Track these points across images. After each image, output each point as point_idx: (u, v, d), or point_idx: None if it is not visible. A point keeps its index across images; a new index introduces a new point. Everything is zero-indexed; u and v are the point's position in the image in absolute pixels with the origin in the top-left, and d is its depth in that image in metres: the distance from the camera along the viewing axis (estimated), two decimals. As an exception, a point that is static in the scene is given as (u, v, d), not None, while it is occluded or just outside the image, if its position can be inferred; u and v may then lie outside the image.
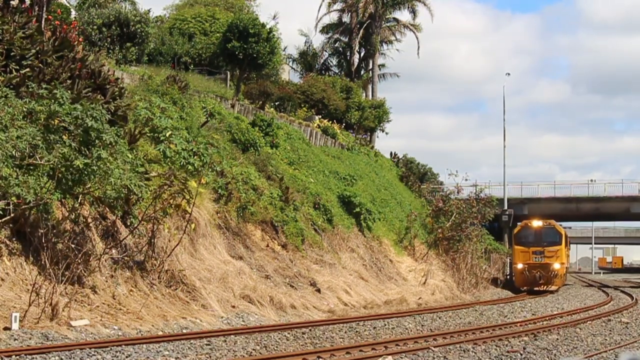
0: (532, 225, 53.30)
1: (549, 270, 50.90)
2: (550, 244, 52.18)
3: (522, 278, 51.51)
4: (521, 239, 53.03)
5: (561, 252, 51.99)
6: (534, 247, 51.94)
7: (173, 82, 36.62)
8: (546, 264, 51.20)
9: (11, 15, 25.31)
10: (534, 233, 52.73)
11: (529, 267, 50.99)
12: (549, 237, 52.71)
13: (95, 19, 41.99)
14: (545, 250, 51.66)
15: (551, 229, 53.32)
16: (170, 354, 15.90)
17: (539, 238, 52.48)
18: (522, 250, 52.13)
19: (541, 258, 51.48)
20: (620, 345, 19.19)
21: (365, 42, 75.99)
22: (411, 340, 19.55)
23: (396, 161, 70.04)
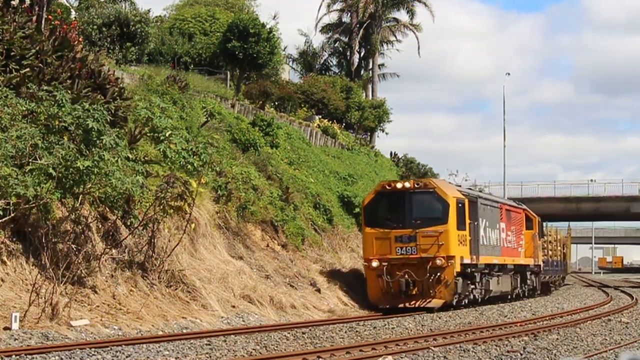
0: (396, 188, 30.77)
1: (428, 272, 29.66)
2: (429, 223, 30.21)
3: (376, 286, 30.21)
4: (375, 216, 31.16)
5: (449, 237, 30.08)
6: (397, 229, 30.30)
7: (173, 82, 36.61)
8: (420, 260, 29.89)
9: (11, 15, 25.30)
10: (398, 202, 30.70)
11: (390, 266, 29.96)
12: (426, 210, 30.67)
13: (95, 19, 41.98)
14: (419, 235, 29.95)
15: (430, 194, 30.52)
16: (170, 354, 15.90)
17: (407, 212, 30.54)
18: (376, 235, 30.42)
19: (411, 249, 30.05)
20: (620, 345, 19.18)
21: (365, 42, 75.96)
22: (411, 340, 19.55)
23: (396, 161, 70.01)
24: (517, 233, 39.18)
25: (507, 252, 36.92)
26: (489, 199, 36.63)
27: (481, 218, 33.18)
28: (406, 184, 30.92)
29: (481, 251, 32.72)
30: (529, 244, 40.71)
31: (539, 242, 42.54)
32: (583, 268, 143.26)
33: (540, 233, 42.44)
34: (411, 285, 29.80)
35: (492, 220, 35.25)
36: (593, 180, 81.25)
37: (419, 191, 30.56)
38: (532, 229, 41.09)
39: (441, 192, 30.60)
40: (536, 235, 41.58)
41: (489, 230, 34.53)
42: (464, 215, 31.07)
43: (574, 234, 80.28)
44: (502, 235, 36.46)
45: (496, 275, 34.84)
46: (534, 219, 41.85)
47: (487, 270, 33.78)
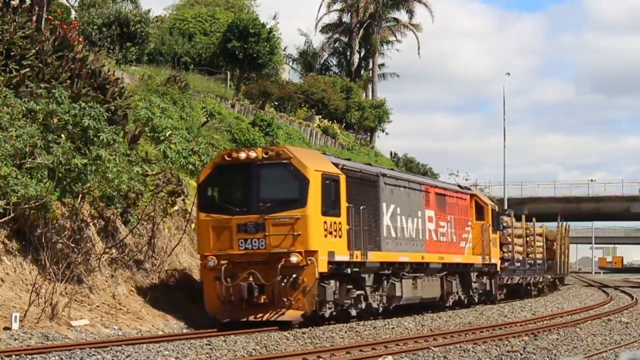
0: (238, 159, 22.57)
1: (279, 273, 21.75)
2: (282, 206, 22.20)
3: (213, 293, 22.17)
4: (212, 198, 23.19)
5: (309, 225, 21.96)
6: (241, 215, 22.22)
7: (173, 82, 36.63)
8: (270, 256, 21.97)
9: (11, 15, 25.30)
10: (242, 179, 22.72)
11: (231, 265, 22.03)
12: (278, 189, 22.59)
13: (95, 19, 42.00)
14: (269, 223, 22.01)
15: (284, 168, 22.36)
16: (170, 354, 15.90)
17: (253, 192, 22.45)
18: (213, 223, 22.44)
19: (258, 242, 22.10)
20: (620, 345, 19.19)
21: (365, 42, 76.00)
22: (411, 340, 19.55)
23: (396, 161, 70.02)
24: (459, 224, 31.00)
25: (438, 248, 28.89)
26: (402, 178, 27.90)
27: (384, 202, 25.28)
28: (252, 154, 22.20)
29: (384, 245, 24.97)
30: (478, 238, 32.17)
31: (495, 236, 33.94)
32: (583, 268, 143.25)
33: (495, 224, 33.86)
34: (257, 292, 21.52)
35: (409, 206, 27.11)
36: (593, 180, 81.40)
37: (269, 163, 22.09)
38: (483, 220, 32.68)
39: (299, 165, 21.87)
40: (488, 227, 32.73)
41: (402, 218, 26.49)
42: (335, 195, 22.38)
43: (574, 234, 79.95)
44: (429, 226, 28.51)
45: (410, 278, 26.61)
46: (485, 207, 33.14)
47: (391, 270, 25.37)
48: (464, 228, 31.59)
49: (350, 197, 23.13)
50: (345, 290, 23.24)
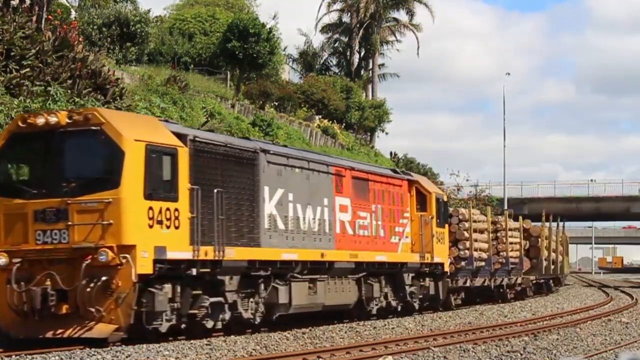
0: (36, 126, 17.08)
1: (83, 275, 16.45)
2: (90, 187, 16.88)
3: (3, 299, 16.76)
4: (5, 176, 17.87)
5: (123, 211, 16.65)
6: (39, 199, 16.92)
7: (173, 82, 36.66)
8: (73, 253, 16.72)
9: (11, 15, 25.33)
10: (42, 151, 17.36)
11: (27, 265, 16.81)
12: (86, 165, 17.32)
13: (95, 19, 42.02)
14: (73, 210, 16.75)
15: (93, 137, 16.87)
16: (170, 354, 15.90)
17: (54, 168, 17.12)
18: (5, 209, 17.19)
19: (60, 235, 16.80)
20: (620, 345, 19.19)
21: (365, 42, 76.05)
22: (411, 340, 19.55)
23: (396, 161, 70.04)
24: (391, 215, 25.94)
25: (353, 244, 23.72)
26: (298, 156, 22.10)
27: (266, 186, 20.22)
28: (52, 118, 17.01)
29: (264, 240, 19.97)
30: (417, 232, 27.01)
31: (443, 230, 28.47)
32: (583, 268, 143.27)
33: (442, 216, 28.35)
34: (55, 299, 16.40)
35: (308, 191, 21.94)
36: (593, 180, 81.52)
37: (75, 131, 16.95)
38: (426, 211, 27.44)
39: (112, 132, 16.76)
40: (431, 220, 27.34)
41: (297, 206, 21.46)
42: (171, 174, 17.59)
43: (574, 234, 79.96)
44: (342, 217, 23.33)
45: (304, 280, 21.39)
46: (428, 196, 27.64)
47: (270, 271, 20.14)
48: (397, 220, 26.22)
49: (198, 176, 17.86)
50: (189, 296, 17.88)
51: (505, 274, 36.26)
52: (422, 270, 27.16)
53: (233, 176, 19.28)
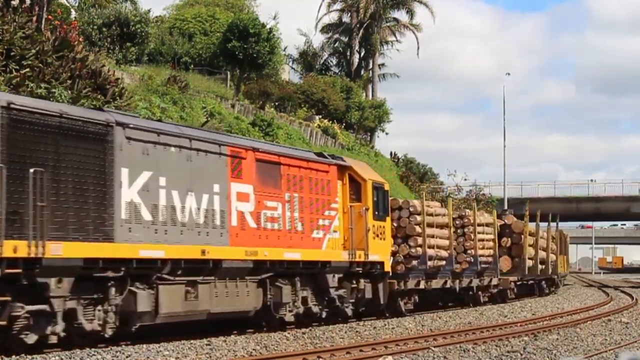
0: None
1: None
2: None
3: None
4: None
5: None
6: None
7: (173, 82, 36.67)
8: None
9: (11, 15, 25.32)
10: None
11: None
12: None
13: (96, 19, 42.03)
14: None
15: None
16: (170, 354, 15.90)
17: None
18: None
19: None
20: (620, 345, 19.19)
21: (365, 42, 76.07)
22: (411, 340, 19.55)
23: (396, 161, 70.06)
24: (313, 206, 21.94)
25: (256, 239, 19.91)
26: (174, 132, 18.21)
27: (125, 167, 16.70)
28: None
29: (120, 233, 16.43)
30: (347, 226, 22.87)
31: (383, 224, 24.35)
32: (583, 268, 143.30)
33: (380, 208, 24.15)
34: None
35: (189, 175, 18.21)
36: (593, 180, 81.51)
37: None
38: (360, 201, 23.37)
39: None
40: (366, 212, 23.18)
41: (172, 193, 17.74)
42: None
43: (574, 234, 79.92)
44: (241, 207, 19.59)
45: (180, 283, 17.70)
46: (363, 184, 23.42)
47: (124, 272, 16.45)
48: (322, 212, 22.21)
49: (12, 153, 14.51)
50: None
51: (474, 274, 31.97)
52: (353, 270, 22.90)
53: (71, 154, 15.54)
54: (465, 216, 32.28)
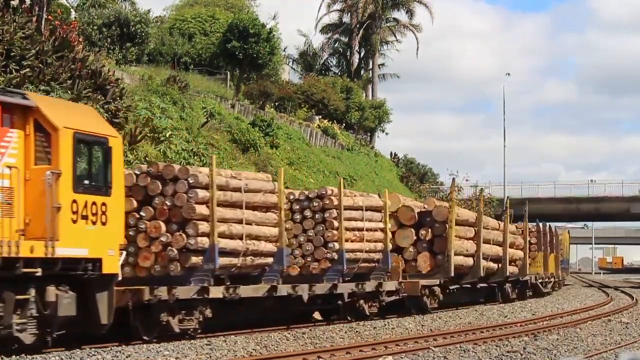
0: None
1: None
2: None
3: None
4: None
5: None
6: None
7: (173, 83, 36.66)
8: None
9: (11, 15, 25.33)
10: None
11: None
12: None
13: (95, 19, 42.04)
14: None
15: None
16: (170, 354, 15.91)
17: None
18: None
19: None
20: (620, 345, 19.20)
21: (365, 42, 76.07)
22: (411, 340, 19.55)
23: (396, 161, 70.05)
24: None
25: None
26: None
27: None
28: None
29: None
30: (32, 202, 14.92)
31: (106, 200, 15.94)
32: (583, 268, 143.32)
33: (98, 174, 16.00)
34: None
35: None
36: (593, 180, 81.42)
37: None
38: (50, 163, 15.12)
39: None
40: (56, 179, 14.93)
41: None
42: None
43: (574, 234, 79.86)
44: None
45: None
46: (54, 135, 15.17)
47: None
48: None
49: None
50: None
51: (339, 276, 23.09)
52: (20, 272, 14.43)
53: None
54: (325, 196, 22.82)
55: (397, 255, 26.58)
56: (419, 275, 26.78)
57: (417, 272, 26.83)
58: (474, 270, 29.22)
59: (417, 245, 27.33)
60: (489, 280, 31.95)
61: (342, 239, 22.85)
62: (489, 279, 31.84)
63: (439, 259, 27.24)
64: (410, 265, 27.03)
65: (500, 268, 31.87)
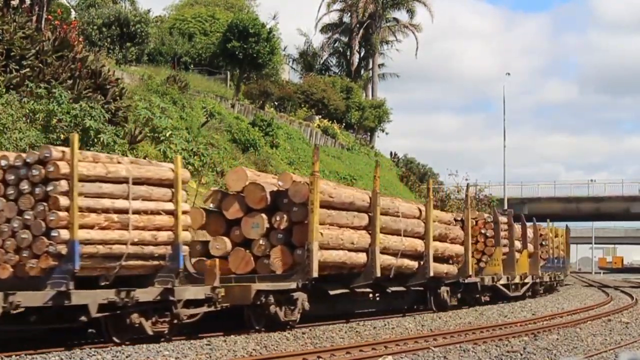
0: None
1: None
2: None
3: None
4: None
5: None
6: None
7: (173, 82, 36.67)
8: None
9: (11, 15, 25.34)
10: None
11: None
12: None
13: (95, 19, 42.05)
14: None
15: None
16: (170, 354, 15.90)
17: None
18: None
19: None
20: (620, 345, 19.19)
21: (365, 42, 76.09)
22: (411, 340, 19.54)
23: (396, 161, 70.05)
24: None
25: None
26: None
27: None
28: None
29: None
30: None
31: None
32: (583, 268, 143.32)
33: None
34: None
35: None
36: (593, 180, 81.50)
37: None
38: None
39: None
40: None
41: None
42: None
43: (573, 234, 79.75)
44: None
45: None
46: None
47: None
48: None
49: None
50: None
51: (68, 279, 14.89)
52: None
53: None
54: (49, 160, 14.75)
55: (245, 250, 19.67)
56: (272, 276, 19.51)
57: (270, 272, 19.61)
58: (368, 270, 21.87)
59: (270, 236, 19.71)
60: (408, 282, 25.03)
61: (74, 224, 14.93)
62: (408, 282, 24.99)
63: (297, 254, 19.66)
64: (262, 264, 19.67)
65: (421, 267, 24.85)
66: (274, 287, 19.16)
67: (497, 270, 32.33)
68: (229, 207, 19.86)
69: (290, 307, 19.73)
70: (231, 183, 20.13)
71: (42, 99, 22.24)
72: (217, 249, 19.80)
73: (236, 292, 18.38)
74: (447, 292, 27.81)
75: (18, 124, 20.83)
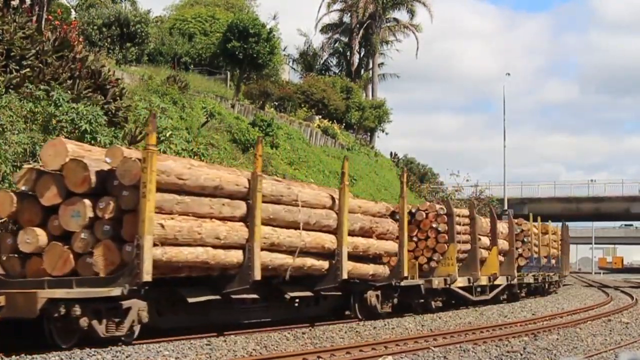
0: None
1: None
2: None
3: None
4: None
5: None
6: None
7: (173, 82, 36.66)
8: None
9: (11, 15, 25.34)
10: None
11: None
12: None
13: (95, 19, 42.06)
14: None
15: None
16: (170, 354, 15.90)
17: None
18: None
19: None
20: (620, 345, 19.20)
21: (365, 42, 76.10)
22: (411, 340, 19.54)
23: (396, 161, 70.05)
24: None
25: None
26: None
27: None
28: None
29: None
30: None
31: None
32: (583, 268, 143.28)
33: None
34: None
35: None
36: (593, 180, 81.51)
37: None
38: None
39: None
40: None
41: None
42: None
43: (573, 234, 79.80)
44: None
45: None
46: None
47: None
48: None
49: None
50: None
51: None
52: None
53: None
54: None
55: (64, 245, 15.23)
56: (92, 280, 15.00)
57: (94, 273, 15.09)
58: (244, 271, 17.52)
59: (94, 228, 15.18)
60: (316, 286, 20.54)
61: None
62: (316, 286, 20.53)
63: (126, 251, 15.03)
64: (84, 263, 15.19)
65: (333, 267, 20.52)
66: (84, 295, 14.41)
67: (450, 270, 27.91)
68: (45, 191, 15.28)
69: (114, 319, 15.28)
70: (47, 159, 15.41)
71: (41, 100, 22.24)
72: (28, 244, 15.36)
73: (19, 301, 13.83)
74: (376, 297, 23.19)
75: (18, 124, 20.83)
